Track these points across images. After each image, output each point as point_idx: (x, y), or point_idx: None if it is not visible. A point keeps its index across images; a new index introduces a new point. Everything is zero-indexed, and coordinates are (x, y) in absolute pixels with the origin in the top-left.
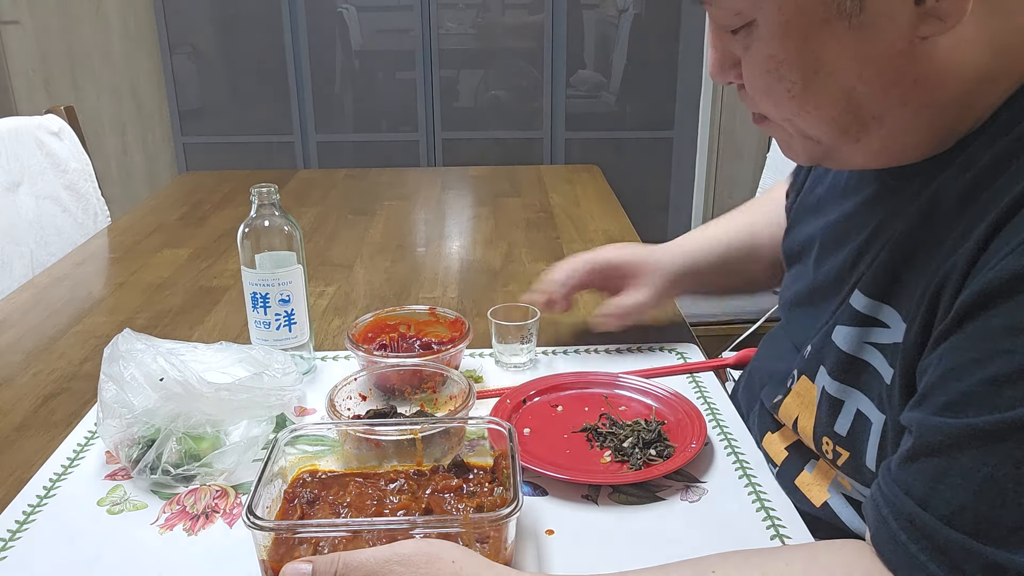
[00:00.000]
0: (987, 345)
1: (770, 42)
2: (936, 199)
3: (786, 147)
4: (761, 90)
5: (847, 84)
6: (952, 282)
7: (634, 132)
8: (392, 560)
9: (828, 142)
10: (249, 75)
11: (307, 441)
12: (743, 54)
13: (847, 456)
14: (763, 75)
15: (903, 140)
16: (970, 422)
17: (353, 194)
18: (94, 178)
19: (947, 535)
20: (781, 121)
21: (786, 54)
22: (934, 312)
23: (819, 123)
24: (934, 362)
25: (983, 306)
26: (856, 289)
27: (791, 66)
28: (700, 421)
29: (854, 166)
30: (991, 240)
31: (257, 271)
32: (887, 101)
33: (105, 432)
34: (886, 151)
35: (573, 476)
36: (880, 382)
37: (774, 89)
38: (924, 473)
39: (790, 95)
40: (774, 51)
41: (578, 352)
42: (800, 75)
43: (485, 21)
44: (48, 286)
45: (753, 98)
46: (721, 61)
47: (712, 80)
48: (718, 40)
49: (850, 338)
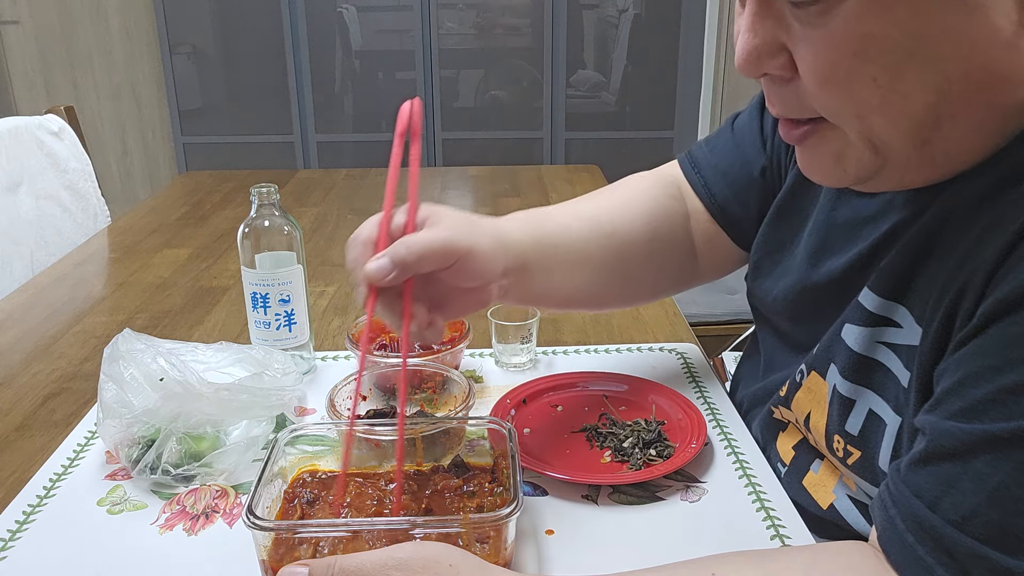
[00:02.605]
0: (1006, 353)
1: (864, 17)
2: (956, 199)
3: (834, 161)
4: (837, 78)
5: (944, 73)
6: (973, 287)
7: (634, 132)
8: (389, 564)
9: (893, 148)
10: (249, 75)
11: (307, 441)
12: (804, 37)
13: (858, 456)
14: (846, 58)
15: (971, 144)
16: (985, 428)
17: (353, 194)
18: (94, 178)
19: (956, 539)
20: (846, 119)
21: (884, 31)
22: (953, 317)
23: (898, 119)
24: (951, 367)
25: (1004, 313)
26: (866, 287)
27: (885, 48)
28: (700, 421)
29: (900, 184)
30: (1016, 247)
31: (257, 271)
32: (976, 98)
33: (105, 432)
34: (946, 158)
35: (573, 476)
36: (896, 384)
37: (855, 75)
38: (936, 476)
39: (876, 83)
40: (869, 27)
41: (578, 352)
42: (893, 60)
43: (485, 21)
44: (48, 286)
45: (815, 94)
46: (761, 48)
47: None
48: (763, 21)
49: (861, 338)
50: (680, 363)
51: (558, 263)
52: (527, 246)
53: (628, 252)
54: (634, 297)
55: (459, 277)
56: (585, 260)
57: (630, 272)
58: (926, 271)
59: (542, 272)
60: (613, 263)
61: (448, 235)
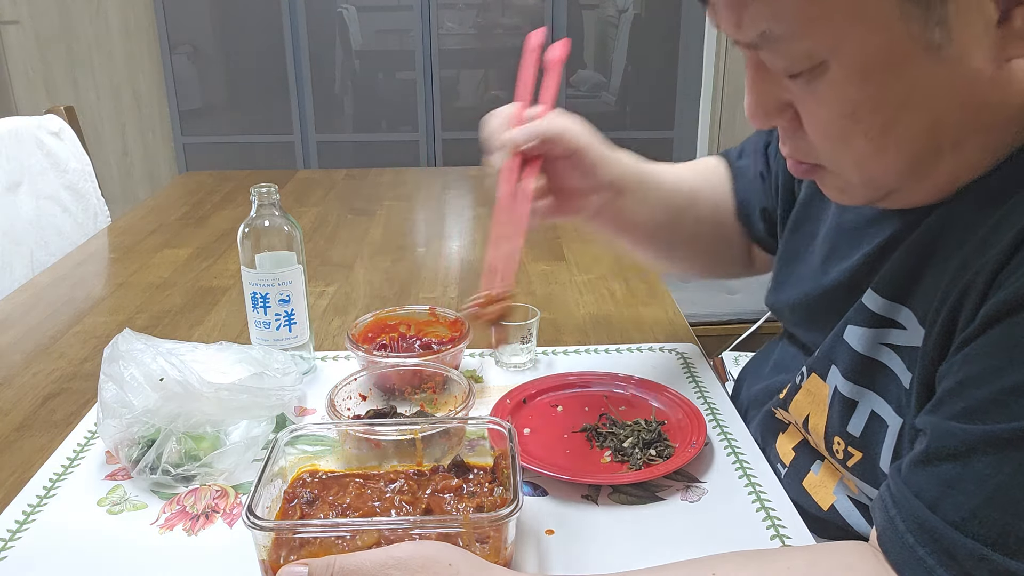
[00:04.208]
0: (1007, 354)
1: (846, 84)
2: (960, 202)
3: (838, 193)
4: (832, 135)
5: (933, 118)
6: (976, 289)
7: (634, 132)
8: (388, 563)
9: (896, 183)
10: (249, 75)
11: (307, 441)
12: (803, 98)
13: (859, 457)
14: (837, 119)
15: (975, 164)
16: (987, 429)
17: (353, 194)
18: (94, 178)
19: (957, 540)
20: (846, 168)
21: (867, 95)
22: (956, 318)
23: (896, 162)
24: (953, 368)
25: (1006, 315)
26: (869, 288)
27: (873, 107)
28: (700, 421)
29: (911, 203)
30: (1019, 249)
31: (257, 271)
32: (972, 127)
33: (105, 432)
34: (953, 181)
35: (573, 476)
36: (898, 385)
37: (848, 132)
38: (937, 477)
39: (868, 137)
40: (851, 94)
41: (578, 352)
42: (881, 117)
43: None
44: (48, 286)
45: (816, 145)
46: (766, 106)
47: (753, 125)
48: (763, 84)
49: (865, 339)
50: (680, 363)
51: (649, 197)
52: (630, 170)
53: (703, 215)
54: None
55: (573, 171)
56: (669, 205)
57: (700, 234)
58: (930, 273)
59: (635, 200)
60: (689, 219)
61: (577, 127)
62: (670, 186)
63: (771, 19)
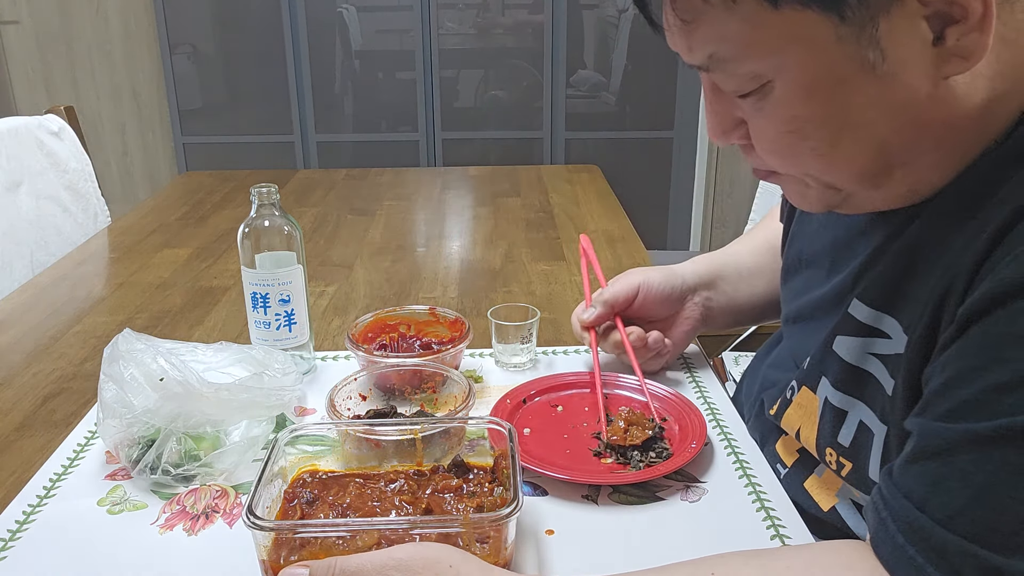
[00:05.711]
0: (988, 353)
1: (791, 103)
2: (938, 210)
3: (799, 197)
4: (780, 151)
5: (878, 134)
6: (956, 291)
7: (634, 132)
8: (389, 564)
9: (851, 189)
10: (249, 75)
11: (307, 441)
12: (752, 116)
13: (850, 467)
14: (783, 136)
15: (930, 178)
16: (970, 427)
17: (353, 194)
18: (94, 178)
19: (945, 538)
20: (799, 175)
21: (811, 113)
22: (938, 321)
23: (848, 174)
24: (937, 369)
25: (984, 314)
26: (855, 298)
27: (817, 124)
28: (700, 421)
29: (872, 209)
30: (994, 249)
31: (257, 271)
32: (919, 145)
33: (105, 432)
34: (912, 192)
35: (573, 476)
36: (882, 393)
37: (796, 148)
38: (923, 476)
39: (816, 153)
40: (797, 111)
41: (578, 352)
42: (827, 132)
43: (485, 21)
44: (48, 286)
45: (765, 158)
46: (724, 125)
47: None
48: (718, 104)
49: (853, 348)
50: (680, 363)
51: (740, 277)
52: (702, 265)
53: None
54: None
55: (650, 305)
56: (760, 270)
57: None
58: (911, 281)
59: (728, 285)
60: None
61: (625, 279)
62: (748, 253)
63: (717, 42)
